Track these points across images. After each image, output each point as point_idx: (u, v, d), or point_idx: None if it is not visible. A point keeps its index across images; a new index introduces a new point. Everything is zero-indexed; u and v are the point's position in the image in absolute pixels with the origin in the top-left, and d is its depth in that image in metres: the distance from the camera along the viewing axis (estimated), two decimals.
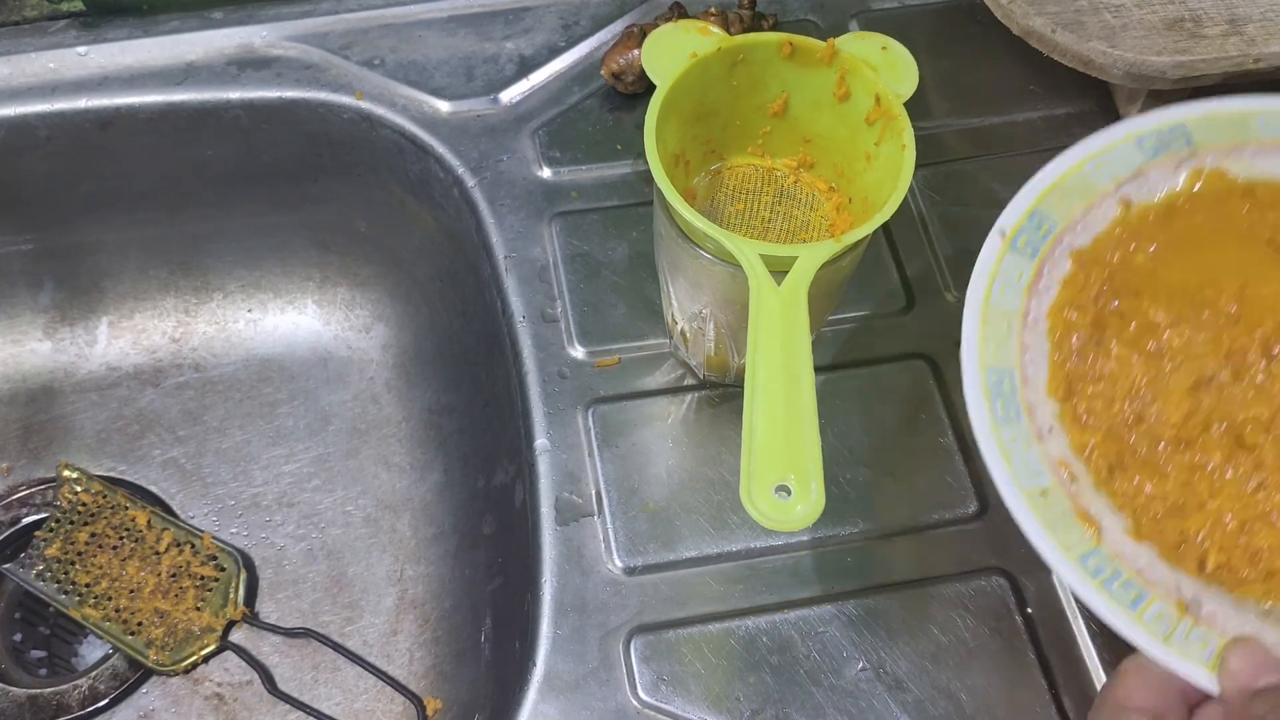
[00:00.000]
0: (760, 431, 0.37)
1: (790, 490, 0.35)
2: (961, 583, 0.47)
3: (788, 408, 0.37)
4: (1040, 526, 0.39)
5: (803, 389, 0.37)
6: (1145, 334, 0.41)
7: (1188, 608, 0.38)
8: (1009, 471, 0.39)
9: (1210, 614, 0.38)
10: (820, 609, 0.46)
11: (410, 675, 0.60)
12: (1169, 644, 0.37)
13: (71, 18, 0.62)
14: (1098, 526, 0.39)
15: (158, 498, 0.64)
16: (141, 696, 0.59)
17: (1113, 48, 0.53)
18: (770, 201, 0.48)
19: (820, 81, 0.45)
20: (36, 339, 0.68)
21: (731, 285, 0.42)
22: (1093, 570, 0.38)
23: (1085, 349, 0.42)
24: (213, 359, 0.69)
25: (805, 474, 0.36)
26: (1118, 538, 0.39)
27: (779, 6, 0.63)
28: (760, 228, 0.47)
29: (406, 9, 0.63)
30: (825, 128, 0.46)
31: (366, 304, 0.70)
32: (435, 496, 0.64)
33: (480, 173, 0.58)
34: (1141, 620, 0.38)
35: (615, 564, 0.47)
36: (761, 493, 0.35)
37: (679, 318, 0.48)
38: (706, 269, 0.42)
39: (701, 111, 0.45)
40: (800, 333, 0.38)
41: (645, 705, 0.44)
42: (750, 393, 0.37)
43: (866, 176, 0.45)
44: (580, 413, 0.51)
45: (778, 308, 0.39)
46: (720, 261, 0.41)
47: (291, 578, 0.62)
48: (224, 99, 0.60)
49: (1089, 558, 0.39)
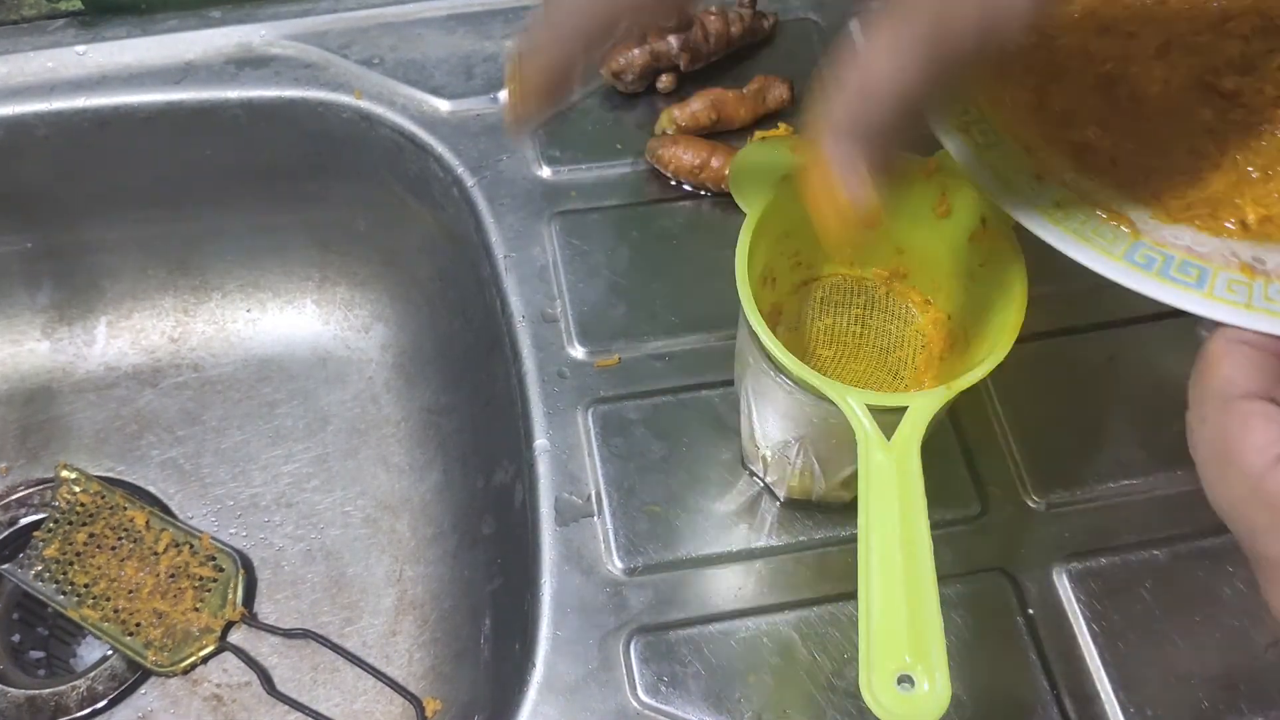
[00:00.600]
0: (878, 615, 0.34)
1: (913, 681, 0.33)
2: (961, 583, 0.47)
3: (907, 585, 0.34)
4: (1072, 239, 0.35)
5: (922, 562, 0.34)
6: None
7: (1253, 269, 0.35)
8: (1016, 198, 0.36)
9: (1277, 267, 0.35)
10: (820, 609, 0.46)
11: (409, 676, 0.60)
12: (1252, 310, 0.34)
13: (70, 17, 0.62)
14: (1129, 220, 0.36)
15: (156, 498, 0.64)
16: (140, 697, 0.59)
17: None
18: (860, 314, 0.45)
19: (918, 195, 0.42)
20: (35, 339, 0.68)
21: (828, 420, 0.39)
22: (1144, 263, 0.35)
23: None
24: (211, 359, 0.69)
25: (929, 661, 0.33)
26: (1151, 225, 0.36)
27: (779, 5, 0.63)
28: (851, 344, 0.44)
29: (405, 8, 0.62)
30: (922, 241, 0.43)
31: (366, 304, 0.70)
32: (434, 497, 0.64)
33: (480, 172, 0.58)
34: (1214, 296, 0.34)
35: (615, 564, 0.47)
36: (883, 686, 0.33)
37: (762, 444, 0.45)
38: (800, 405, 0.40)
39: (790, 228, 0.42)
40: (916, 494, 0.35)
41: (645, 706, 0.44)
42: (864, 568, 0.34)
43: (968, 295, 0.42)
44: (580, 413, 0.51)
45: (891, 468, 0.36)
46: (817, 401, 0.38)
47: (290, 578, 0.62)
48: (223, 98, 0.60)
49: (1134, 252, 0.36)
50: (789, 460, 0.44)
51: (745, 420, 0.46)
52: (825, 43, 0.62)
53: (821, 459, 0.43)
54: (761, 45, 0.61)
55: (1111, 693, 0.44)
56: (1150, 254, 0.35)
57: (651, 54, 0.57)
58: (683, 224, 0.56)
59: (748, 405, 0.44)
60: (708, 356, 0.52)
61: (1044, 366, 0.51)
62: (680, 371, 0.52)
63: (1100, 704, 0.44)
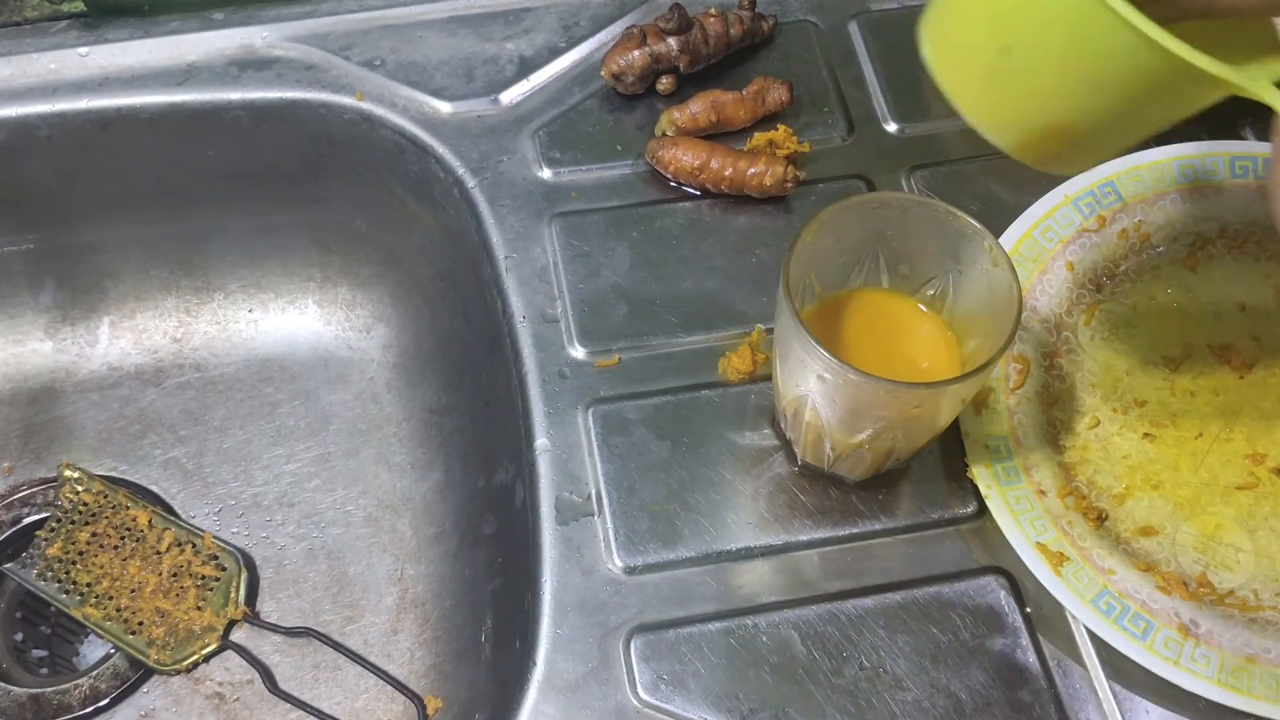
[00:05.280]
0: None
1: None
2: (961, 583, 0.47)
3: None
4: (1054, 575, 0.44)
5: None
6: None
7: (1189, 630, 0.44)
8: (1019, 531, 0.45)
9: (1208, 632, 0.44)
10: (820, 608, 0.46)
11: (411, 674, 0.60)
12: (1179, 666, 0.43)
13: (72, 18, 0.62)
14: (1102, 568, 0.45)
15: (159, 497, 0.64)
16: (142, 696, 0.59)
17: None
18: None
19: None
20: (38, 339, 0.68)
21: (833, 383, 0.42)
22: (1105, 609, 0.44)
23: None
24: (214, 359, 0.69)
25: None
26: (1120, 575, 0.45)
27: (779, 7, 0.63)
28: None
29: (407, 10, 0.63)
30: None
31: (367, 304, 0.70)
32: (436, 496, 0.64)
33: (481, 173, 0.58)
34: (1154, 649, 0.43)
35: (615, 563, 0.47)
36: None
37: (783, 398, 0.47)
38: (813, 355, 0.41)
39: None
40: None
41: (645, 704, 0.44)
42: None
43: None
44: (580, 413, 0.51)
45: None
46: (829, 358, 0.40)
47: (292, 577, 0.63)
48: (225, 99, 0.60)
49: (1100, 598, 0.44)
50: (801, 417, 0.45)
51: (774, 373, 0.47)
52: (824, 45, 0.62)
53: (830, 424, 0.44)
54: (761, 47, 0.62)
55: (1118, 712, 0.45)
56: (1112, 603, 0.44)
57: (651, 56, 0.58)
58: (683, 224, 0.56)
59: (776, 356, 0.46)
60: (708, 356, 0.52)
61: None
62: (680, 371, 0.52)
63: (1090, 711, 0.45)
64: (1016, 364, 0.50)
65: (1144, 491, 0.48)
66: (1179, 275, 0.52)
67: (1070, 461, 0.49)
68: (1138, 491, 0.48)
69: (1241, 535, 0.47)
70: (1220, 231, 0.53)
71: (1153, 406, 0.50)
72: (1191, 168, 0.53)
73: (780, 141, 0.56)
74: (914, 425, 0.44)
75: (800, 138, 0.57)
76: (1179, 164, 0.53)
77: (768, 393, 0.51)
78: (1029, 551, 0.45)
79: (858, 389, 0.41)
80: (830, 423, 0.44)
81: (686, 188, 0.57)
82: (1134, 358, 0.51)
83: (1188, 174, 0.53)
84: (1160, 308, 0.52)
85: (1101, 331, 0.51)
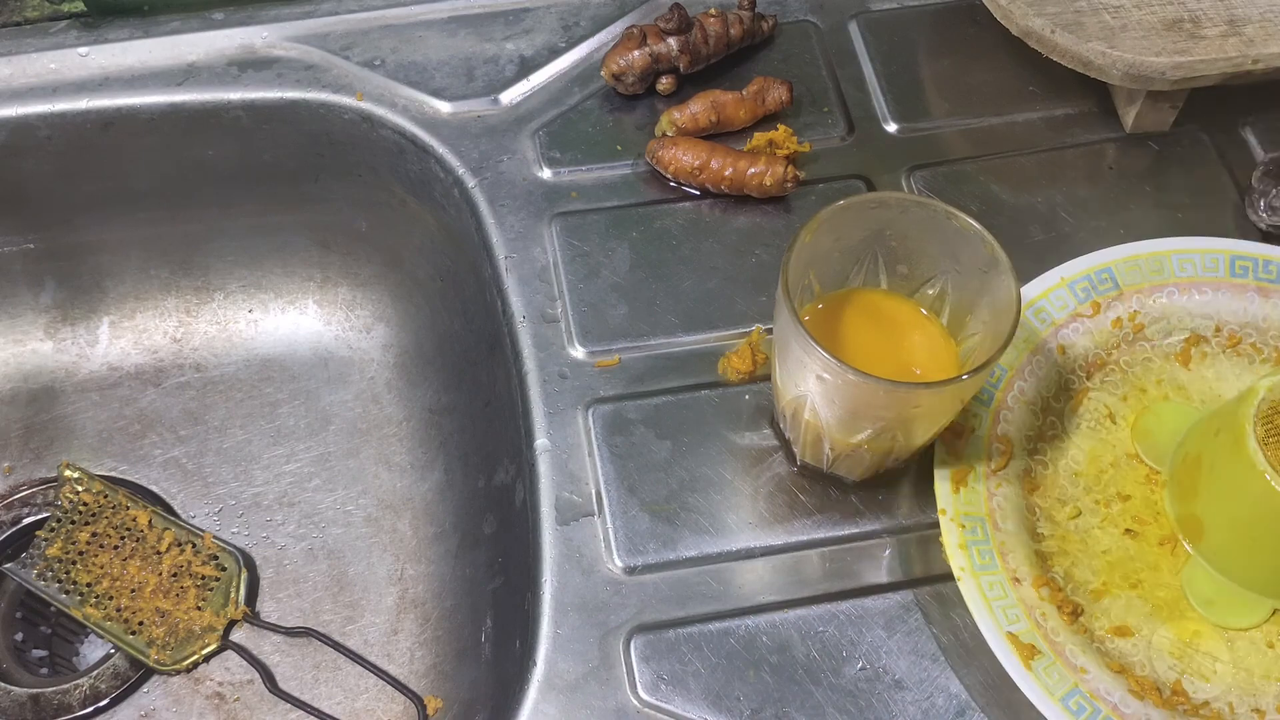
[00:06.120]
0: None
1: None
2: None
3: None
4: (1023, 669, 0.42)
5: None
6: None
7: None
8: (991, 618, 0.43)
9: None
10: (820, 608, 0.46)
11: (411, 674, 0.60)
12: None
13: (73, 18, 0.62)
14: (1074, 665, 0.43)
15: (159, 497, 0.64)
16: (142, 696, 0.59)
17: (1111, 48, 0.54)
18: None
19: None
20: (38, 339, 0.68)
21: (832, 383, 0.42)
22: (1075, 710, 0.42)
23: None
24: (214, 359, 0.69)
25: None
26: (1092, 674, 0.43)
27: (779, 7, 0.63)
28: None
29: (407, 10, 0.63)
30: None
31: (367, 304, 0.70)
32: (436, 496, 0.64)
33: (481, 173, 0.58)
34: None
35: (615, 564, 0.47)
36: None
37: (782, 398, 0.46)
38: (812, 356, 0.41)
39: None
40: None
41: (645, 704, 0.44)
42: None
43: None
44: (580, 413, 0.51)
45: None
46: (828, 359, 0.40)
47: (292, 577, 0.63)
48: (225, 100, 0.61)
49: (1070, 697, 0.42)
50: (800, 418, 0.45)
51: (773, 373, 0.47)
52: (824, 45, 0.62)
53: (829, 425, 0.44)
54: (761, 47, 0.62)
55: None
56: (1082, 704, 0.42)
57: (651, 56, 0.58)
58: (683, 225, 0.56)
59: (775, 356, 0.46)
60: (707, 356, 0.52)
61: None
62: (680, 371, 0.52)
63: None
64: (1000, 445, 0.48)
65: (1122, 589, 0.46)
66: (1171, 370, 0.51)
67: (1048, 551, 0.47)
68: (1115, 589, 0.46)
69: (1220, 645, 0.45)
70: (1216, 330, 0.51)
71: (1136, 502, 0.48)
72: (1190, 262, 0.51)
73: (780, 141, 0.56)
74: (913, 425, 0.44)
75: (800, 138, 0.57)
76: (1178, 257, 0.52)
77: (767, 393, 0.51)
78: (999, 641, 0.43)
79: (856, 389, 0.41)
80: (829, 423, 0.44)
81: (686, 188, 0.57)
82: (1120, 450, 0.49)
83: (1186, 268, 0.51)
84: (1150, 401, 0.50)
85: (1089, 420, 0.50)
